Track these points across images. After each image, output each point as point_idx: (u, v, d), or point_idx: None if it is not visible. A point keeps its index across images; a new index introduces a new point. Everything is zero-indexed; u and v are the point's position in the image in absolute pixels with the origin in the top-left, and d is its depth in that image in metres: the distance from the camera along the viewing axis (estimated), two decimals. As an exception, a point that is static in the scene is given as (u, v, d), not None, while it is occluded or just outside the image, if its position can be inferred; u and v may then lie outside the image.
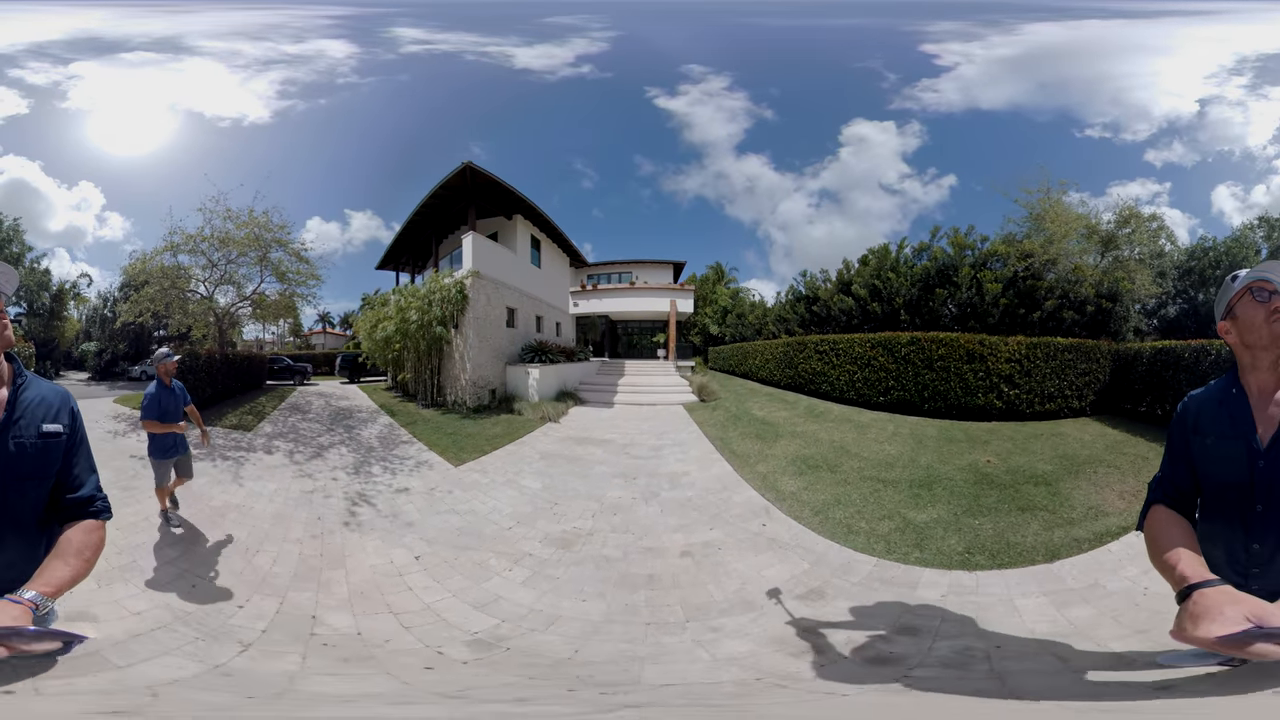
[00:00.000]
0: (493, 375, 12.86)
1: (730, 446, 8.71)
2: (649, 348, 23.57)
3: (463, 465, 7.67)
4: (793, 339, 15.02)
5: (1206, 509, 1.68)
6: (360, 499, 6.12)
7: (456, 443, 9.01)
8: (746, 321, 23.11)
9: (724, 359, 20.99)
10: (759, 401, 12.99)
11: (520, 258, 14.84)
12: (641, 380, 15.87)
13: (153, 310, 12.28)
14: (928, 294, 13.71)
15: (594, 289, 22.08)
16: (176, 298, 12.44)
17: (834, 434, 9.20)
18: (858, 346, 11.61)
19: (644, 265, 23.79)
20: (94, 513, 1.45)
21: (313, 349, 23.99)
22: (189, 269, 12.60)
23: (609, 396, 13.89)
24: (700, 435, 9.80)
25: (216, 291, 13.25)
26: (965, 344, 10.03)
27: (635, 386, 15.02)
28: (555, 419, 11.02)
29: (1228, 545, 1.61)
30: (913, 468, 6.95)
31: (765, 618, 3.55)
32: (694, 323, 24.44)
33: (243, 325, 17.34)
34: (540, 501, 6.25)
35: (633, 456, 8.39)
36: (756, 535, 5.16)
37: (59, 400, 1.44)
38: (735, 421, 10.84)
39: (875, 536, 4.89)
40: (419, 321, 12.34)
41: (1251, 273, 1.62)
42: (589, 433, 10.19)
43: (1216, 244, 17.92)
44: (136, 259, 12.60)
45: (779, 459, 7.79)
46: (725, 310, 24.49)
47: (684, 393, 14.33)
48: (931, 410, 10.14)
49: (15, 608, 1.10)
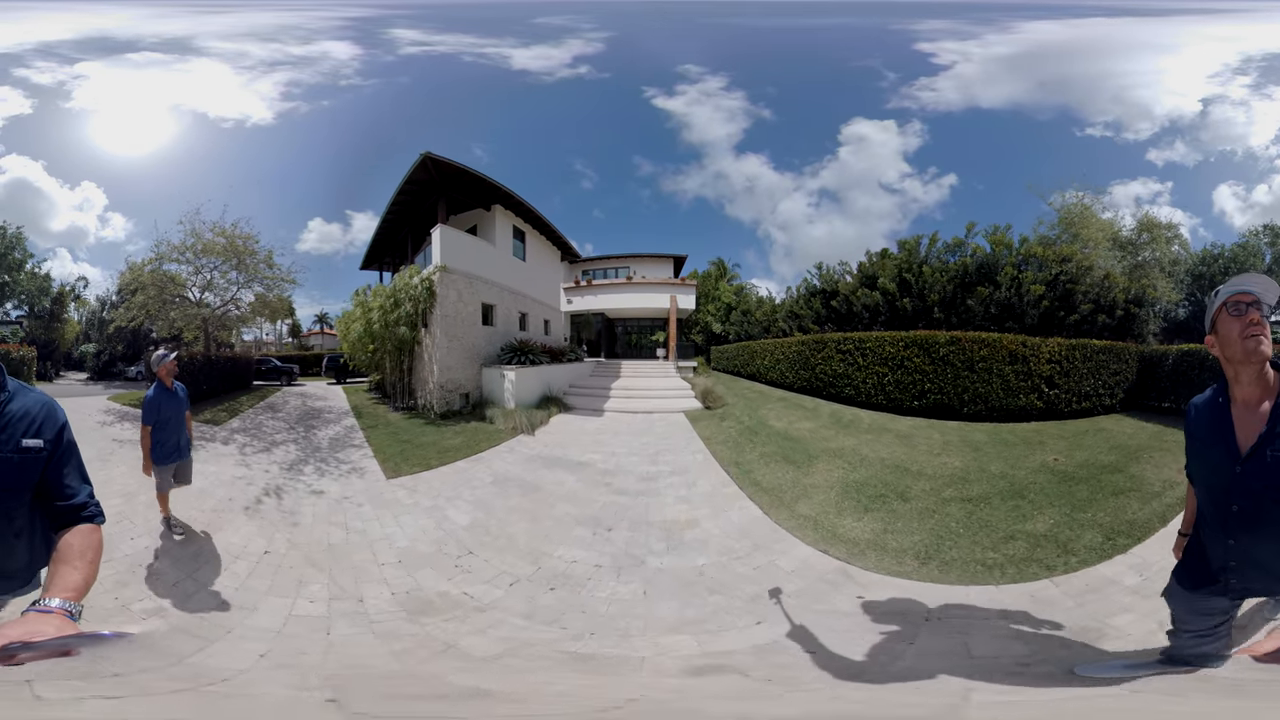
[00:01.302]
0: (465, 378, 12.18)
1: (752, 475, 6.87)
2: (648, 347, 22.59)
3: (395, 478, 7.03)
4: (809, 337, 13.92)
5: (1199, 504, 1.99)
6: (274, 492, 6.24)
7: (404, 452, 8.38)
8: (753, 319, 22.10)
9: (728, 359, 20.05)
10: (774, 408, 11.53)
11: (500, 250, 14.08)
12: (638, 383, 14.66)
13: (144, 315, 12.99)
14: (965, 292, 13.24)
15: (589, 285, 21.19)
16: (165, 303, 12.92)
17: (878, 449, 7.97)
18: (889, 346, 10.81)
19: (642, 259, 22.85)
20: (88, 517, 1.48)
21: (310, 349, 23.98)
22: (176, 275, 13.15)
23: (599, 403, 12.61)
24: (708, 457, 8.02)
25: (204, 296, 13.81)
26: (1008, 345, 10.00)
27: (630, 391, 13.75)
28: (530, 430, 9.86)
29: (1211, 539, 1.91)
30: (990, 479, 6.46)
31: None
32: (696, 321, 23.46)
33: (234, 327, 17.48)
34: (451, 543, 4.89)
35: (614, 490, 6.47)
36: (854, 622, 3.31)
37: (43, 413, 1.45)
38: (750, 436, 9.13)
39: (1026, 563, 4.24)
40: (382, 321, 11.86)
41: (1229, 286, 1.78)
42: (565, 450, 8.60)
43: (1224, 250, 18.64)
44: (131, 265, 13.47)
45: (825, 490, 6.20)
46: (729, 307, 23.46)
47: (685, 398, 12.98)
48: (971, 414, 9.87)
49: (52, 617, 1.12)
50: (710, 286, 23.77)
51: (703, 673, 2.70)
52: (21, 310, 20.30)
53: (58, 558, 1.34)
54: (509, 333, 13.76)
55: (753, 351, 17.28)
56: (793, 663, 2.79)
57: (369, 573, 4.30)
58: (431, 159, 11.16)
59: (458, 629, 3.43)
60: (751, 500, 6.07)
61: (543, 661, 2.95)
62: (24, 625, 1.07)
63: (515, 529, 5.31)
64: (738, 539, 5.02)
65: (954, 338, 10.20)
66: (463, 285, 12.28)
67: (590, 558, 4.64)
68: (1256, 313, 1.73)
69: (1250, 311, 1.72)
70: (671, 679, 2.68)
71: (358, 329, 12.86)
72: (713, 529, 5.29)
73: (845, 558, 4.50)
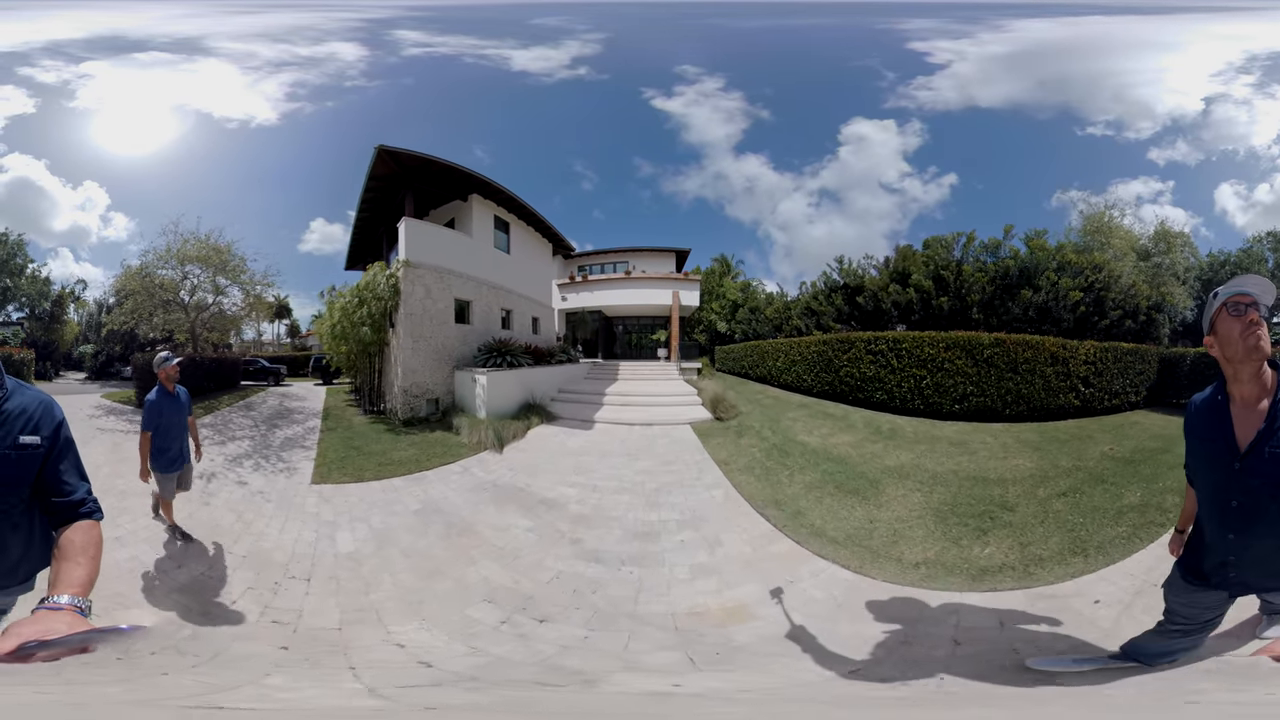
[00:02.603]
0: (434, 382, 11.46)
1: (806, 519, 5.31)
2: (649, 347, 21.53)
3: (320, 484, 6.77)
4: (832, 336, 12.94)
5: (1198, 500, 2.10)
6: (207, 477, 6.59)
7: (345, 458, 7.94)
8: (762, 316, 21.01)
9: (734, 360, 18.99)
10: (797, 418, 10.23)
11: (478, 241, 13.29)
12: (636, 388, 13.35)
13: (135, 319, 13.61)
14: (1005, 293, 13.51)
15: (584, 281, 20.25)
16: (154, 308, 13.39)
17: (941, 460, 7.31)
18: (927, 347, 10.42)
19: (642, 253, 21.81)
20: (86, 513, 1.50)
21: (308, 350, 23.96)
22: (167, 281, 13.56)
23: (589, 411, 11.27)
24: (732, 494, 6.27)
25: (192, 299, 14.28)
26: (1050, 347, 10.36)
27: (627, 397, 12.38)
28: (498, 446, 8.64)
29: (1211, 535, 2.02)
30: (1067, 472, 6.64)
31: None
32: (699, 319, 22.39)
33: (222, 329, 17.67)
34: (295, 565, 4.33)
35: (584, 552, 4.71)
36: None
37: (40, 411, 1.48)
38: (781, 458, 7.58)
39: (1148, 526, 4.69)
40: (345, 322, 11.34)
41: (1228, 288, 1.90)
42: (532, 478, 7.06)
43: (1230, 256, 19.45)
44: (126, 269, 14.02)
45: (918, 522, 5.12)
46: (735, 304, 22.33)
47: (691, 406, 11.50)
48: (1013, 415, 9.98)
49: (63, 614, 1.14)
50: (714, 283, 22.69)
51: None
52: (22, 312, 20.62)
53: (60, 555, 1.36)
54: (489, 331, 12.98)
55: (763, 352, 16.26)
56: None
57: (196, 559, 4.41)
58: (387, 151, 10.55)
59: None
60: (822, 557, 4.38)
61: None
62: (37, 624, 1.08)
63: (387, 585, 4.06)
64: (836, 625, 3.20)
65: (998, 339, 10.23)
66: (432, 280, 11.56)
67: (467, 699, 1.87)
68: (1255, 313, 1.80)
69: (1249, 311, 1.79)
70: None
71: (326, 330, 12.42)
72: (773, 620, 3.26)
73: (1022, 583, 3.84)
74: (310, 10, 20.40)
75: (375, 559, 4.58)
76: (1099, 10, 18.22)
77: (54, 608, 1.15)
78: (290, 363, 20.71)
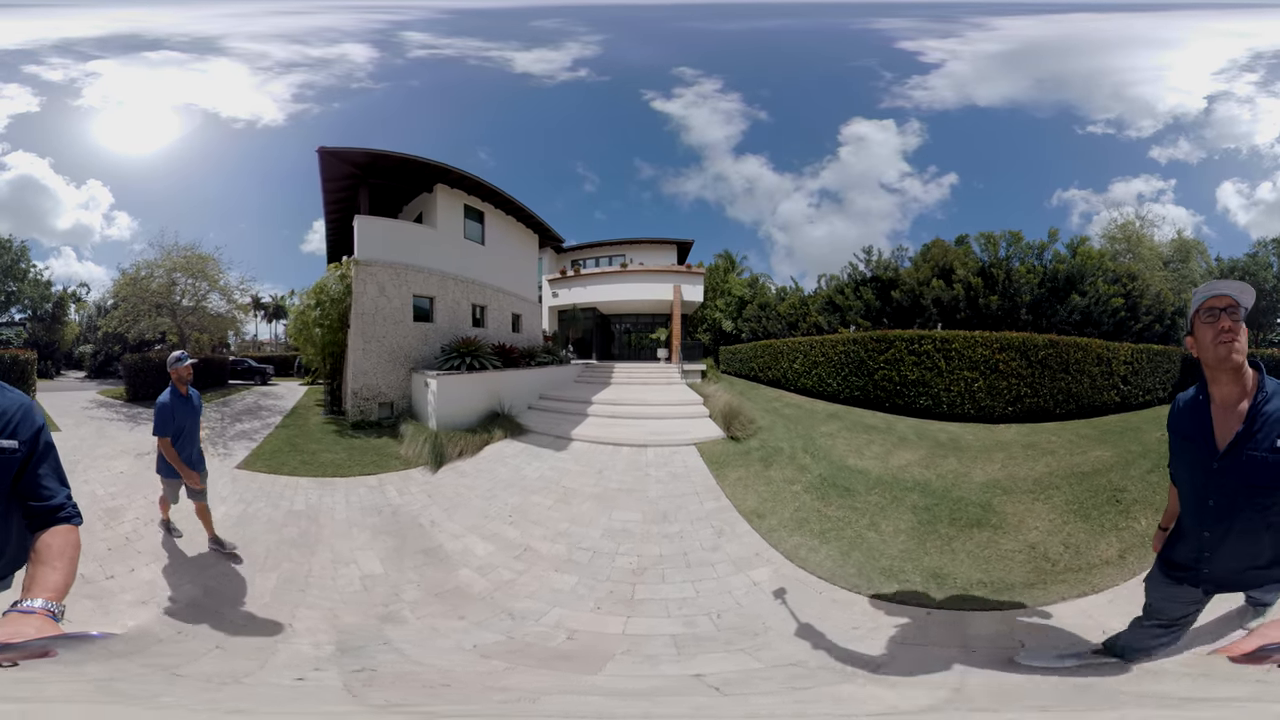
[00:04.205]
0: (387, 384, 10.79)
1: (965, 592, 3.82)
2: (650, 347, 20.48)
3: (245, 469, 7.13)
4: (864, 334, 11.98)
5: (1179, 498, 2.19)
6: (137, 454, 7.30)
7: (280, 453, 8.11)
8: (774, 313, 19.79)
9: (742, 362, 17.85)
10: (833, 432, 8.80)
11: (444, 233, 12.52)
12: (630, 394, 11.96)
13: (127, 323, 14.61)
14: (1053, 296, 14.14)
15: (576, 274, 19.31)
16: (144, 312, 14.33)
17: (1028, 466, 6.93)
18: (980, 348, 10.16)
19: (641, 245, 20.72)
20: (65, 518, 1.50)
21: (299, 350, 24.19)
22: (159, 288, 14.29)
23: (568, 425, 9.50)
24: (799, 580, 4.13)
25: (180, 304, 15.11)
26: (1096, 349, 10.96)
27: (619, 406, 10.84)
28: (434, 463, 7.52)
29: (1188, 532, 2.10)
30: (1145, 455, 6.97)
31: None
32: (702, 318, 21.21)
33: (212, 330, 18.07)
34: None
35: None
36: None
37: (19, 414, 1.48)
38: (841, 497, 5.76)
39: None
40: (300, 323, 11.29)
41: (1202, 291, 1.92)
42: (446, 517, 5.63)
43: (1236, 263, 20.22)
44: (123, 274, 14.81)
45: (1084, 533, 4.71)
46: (742, 301, 21.09)
47: (697, 418, 9.82)
48: (1062, 413, 10.29)
49: (34, 618, 1.13)
50: (718, 280, 21.50)
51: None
52: (25, 314, 21.21)
53: (36, 558, 1.37)
54: (456, 329, 12.21)
55: (776, 352, 15.13)
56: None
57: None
58: (328, 152, 10.34)
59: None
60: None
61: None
62: (5, 626, 1.09)
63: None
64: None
65: (1052, 340, 10.50)
66: (386, 278, 10.89)
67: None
68: (1228, 320, 1.84)
69: (1221, 318, 1.84)
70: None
71: (292, 332, 12.23)
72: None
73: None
74: (334, 13, 20.80)
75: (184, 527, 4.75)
76: (1085, 8, 18.55)
77: (26, 611, 1.16)
78: (282, 363, 20.87)
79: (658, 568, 4.41)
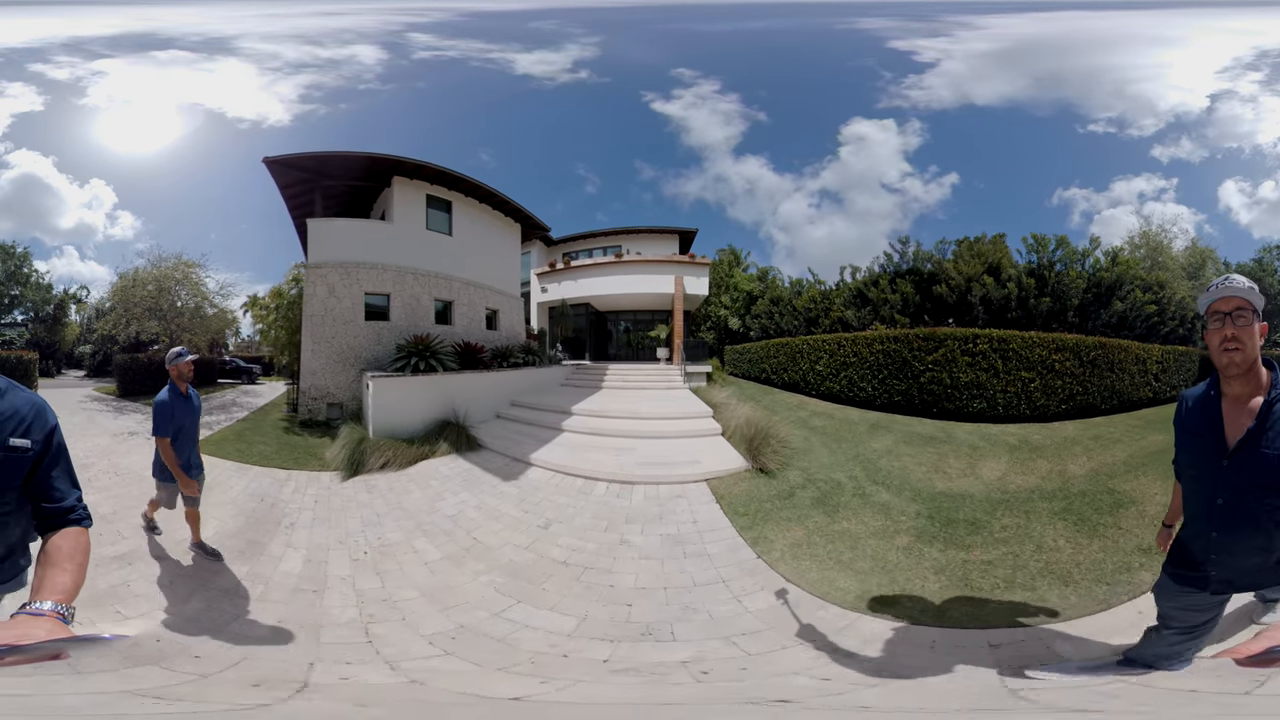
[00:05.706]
0: (336, 385, 10.20)
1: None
2: (650, 347, 19.40)
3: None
4: (907, 332, 10.91)
5: (1184, 496, 2.15)
6: (113, 433, 8.34)
7: (225, 441, 8.66)
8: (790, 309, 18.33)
9: (751, 362, 16.50)
10: (887, 448, 7.57)
11: (402, 226, 11.71)
12: (622, 404, 10.37)
13: (121, 326, 15.19)
14: (1098, 300, 14.69)
15: (567, 267, 18.32)
16: (136, 315, 14.96)
17: (1112, 453, 7.37)
18: (1038, 349, 10.31)
19: (638, 235, 19.55)
20: (75, 520, 1.51)
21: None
22: (138, 290, 14.95)
23: (530, 445, 7.87)
24: None
25: (168, 308, 15.82)
26: (1135, 350, 11.81)
27: (604, 419, 9.13)
28: (349, 471, 6.92)
29: (1195, 532, 2.06)
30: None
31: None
32: (707, 315, 20.01)
33: (203, 332, 18.41)
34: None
35: None
36: None
37: (33, 414, 1.48)
38: (967, 534, 4.60)
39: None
40: (262, 324, 11.80)
41: (1208, 295, 1.91)
42: (268, 544, 4.90)
43: (1245, 268, 20.47)
44: (121, 276, 15.57)
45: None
46: (751, 296, 19.74)
47: (706, 436, 8.06)
48: (1106, 409, 10.84)
49: (44, 620, 1.14)
50: (723, 274, 20.25)
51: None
52: (27, 315, 21.76)
53: (46, 560, 1.36)
54: (415, 326, 11.44)
55: (794, 352, 13.78)
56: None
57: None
58: (272, 161, 10.56)
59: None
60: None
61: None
62: (15, 628, 1.09)
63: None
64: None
65: (1100, 342, 11.23)
66: (336, 278, 10.31)
67: None
68: (1233, 326, 1.82)
69: (1226, 324, 1.82)
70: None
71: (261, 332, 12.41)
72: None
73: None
74: (355, 15, 21.15)
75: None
76: (1077, 6, 18.93)
77: (36, 613, 1.16)
78: (271, 363, 20.75)
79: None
